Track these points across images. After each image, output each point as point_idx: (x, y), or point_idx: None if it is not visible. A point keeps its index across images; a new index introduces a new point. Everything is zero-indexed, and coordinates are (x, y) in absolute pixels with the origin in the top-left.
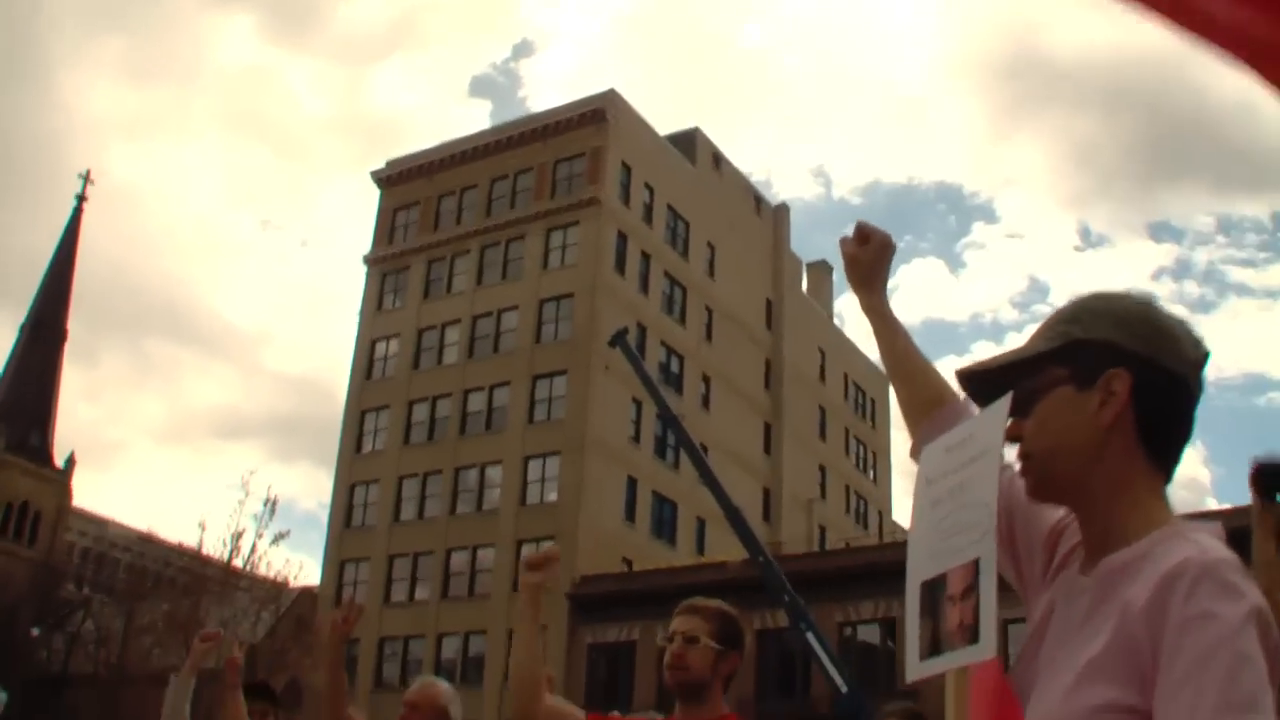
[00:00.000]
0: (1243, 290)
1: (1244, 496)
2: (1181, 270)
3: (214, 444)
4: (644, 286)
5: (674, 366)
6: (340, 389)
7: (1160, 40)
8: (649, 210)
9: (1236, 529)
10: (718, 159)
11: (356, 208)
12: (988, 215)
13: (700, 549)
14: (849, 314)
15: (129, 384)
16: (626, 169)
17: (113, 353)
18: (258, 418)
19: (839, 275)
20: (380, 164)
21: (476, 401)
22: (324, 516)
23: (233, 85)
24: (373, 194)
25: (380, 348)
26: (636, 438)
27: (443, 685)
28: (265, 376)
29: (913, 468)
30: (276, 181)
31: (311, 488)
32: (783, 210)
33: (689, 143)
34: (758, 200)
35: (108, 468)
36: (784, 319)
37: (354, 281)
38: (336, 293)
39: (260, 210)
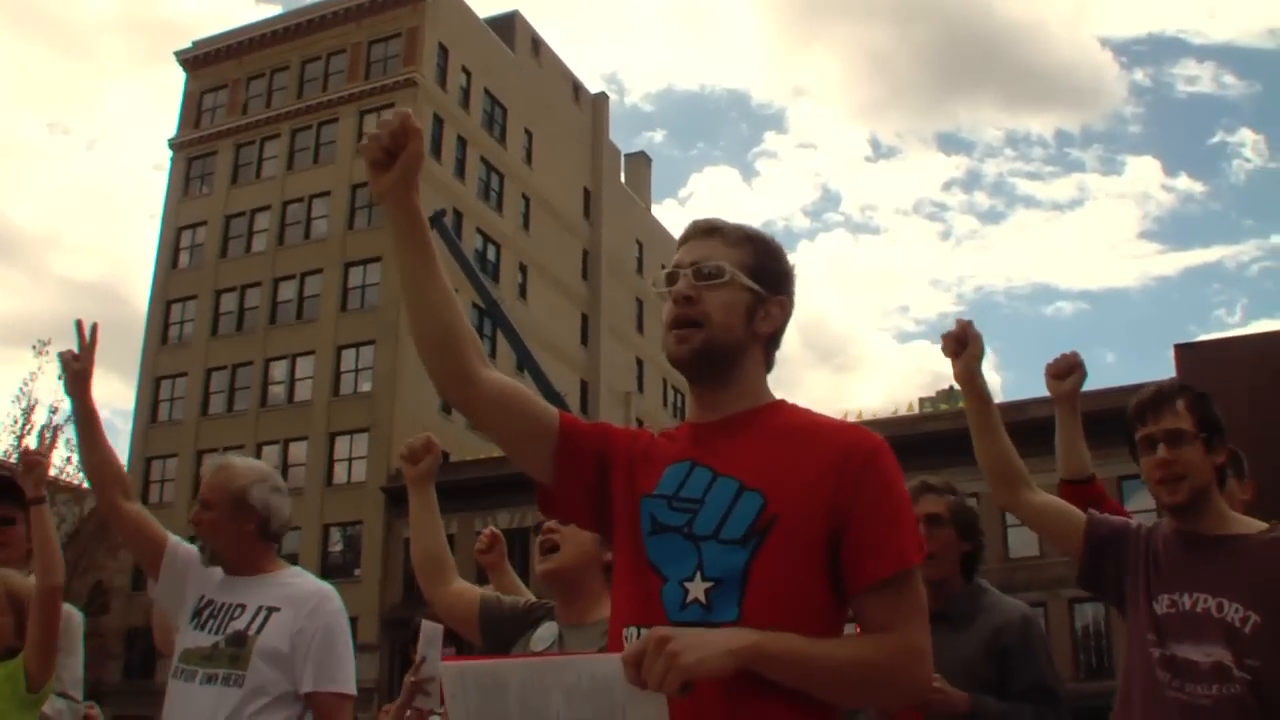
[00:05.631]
0: (1030, 202)
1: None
2: (971, 181)
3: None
4: (460, 172)
5: (490, 255)
6: (134, 293)
7: None
8: (466, 94)
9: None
10: (537, 45)
11: (145, 110)
12: (779, 124)
13: None
14: (666, 207)
15: None
16: (444, 51)
17: None
18: (46, 324)
19: (657, 166)
20: (186, 45)
21: (287, 290)
22: (121, 424)
23: None
24: (166, 95)
25: (186, 236)
26: None
27: (240, 464)
28: (53, 281)
29: None
30: (62, 82)
31: (107, 396)
32: (602, 100)
33: (508, 27)
34: (576, 89)
35: None
36: (602, 209)
37: (144, 185)
38: (127, 196)
39: (47, 112)
